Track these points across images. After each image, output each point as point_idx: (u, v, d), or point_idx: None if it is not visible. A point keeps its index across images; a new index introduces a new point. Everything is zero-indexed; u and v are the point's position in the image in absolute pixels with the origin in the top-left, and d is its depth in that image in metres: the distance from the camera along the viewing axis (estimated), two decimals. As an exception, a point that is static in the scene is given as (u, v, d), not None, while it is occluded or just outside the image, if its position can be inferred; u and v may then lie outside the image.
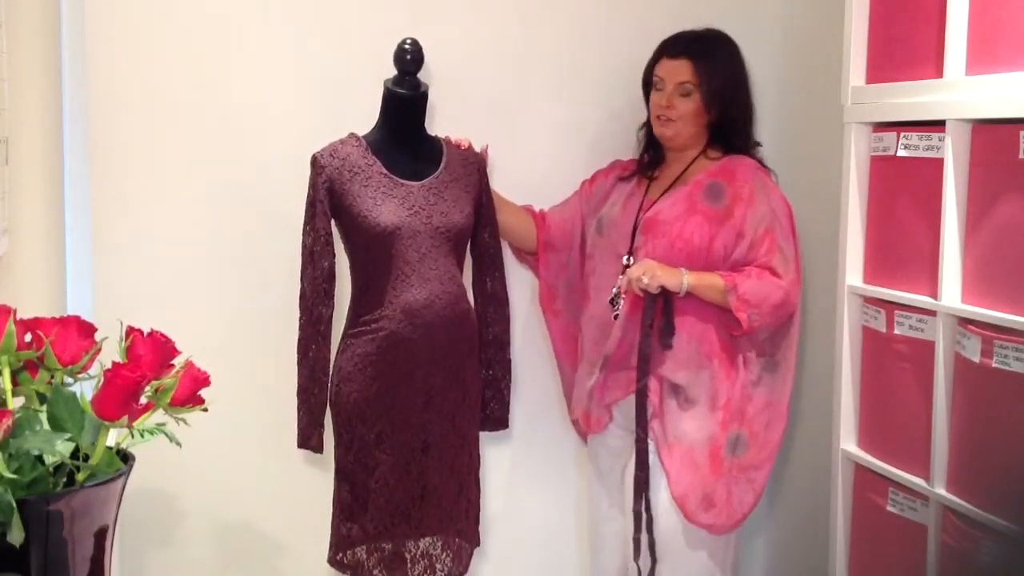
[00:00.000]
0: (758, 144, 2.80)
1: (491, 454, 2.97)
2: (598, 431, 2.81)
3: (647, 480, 2.65)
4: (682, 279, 2.59)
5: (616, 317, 2.70)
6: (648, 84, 2.80)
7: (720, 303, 2.61)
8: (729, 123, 2.74)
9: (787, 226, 2.69)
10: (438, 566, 2.64)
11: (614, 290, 2.73)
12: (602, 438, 2.82)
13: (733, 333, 2.66)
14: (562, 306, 2.94)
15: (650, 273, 2.57)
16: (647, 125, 2.84)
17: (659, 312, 2.62)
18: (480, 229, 2.71)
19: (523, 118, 3.02)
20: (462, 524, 2.66)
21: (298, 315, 2.57)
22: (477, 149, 2.74)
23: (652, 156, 2.83)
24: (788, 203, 2.72)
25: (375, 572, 2.59)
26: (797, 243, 2.71)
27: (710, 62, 2.70)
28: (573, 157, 3.05)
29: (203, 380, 1.52)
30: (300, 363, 2.58)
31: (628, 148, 2.94)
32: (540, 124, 3.04)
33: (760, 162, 2.76)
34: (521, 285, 3.01)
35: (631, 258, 2.71)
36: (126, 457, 1.47)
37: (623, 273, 2.70)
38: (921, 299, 2.44)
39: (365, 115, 2.64)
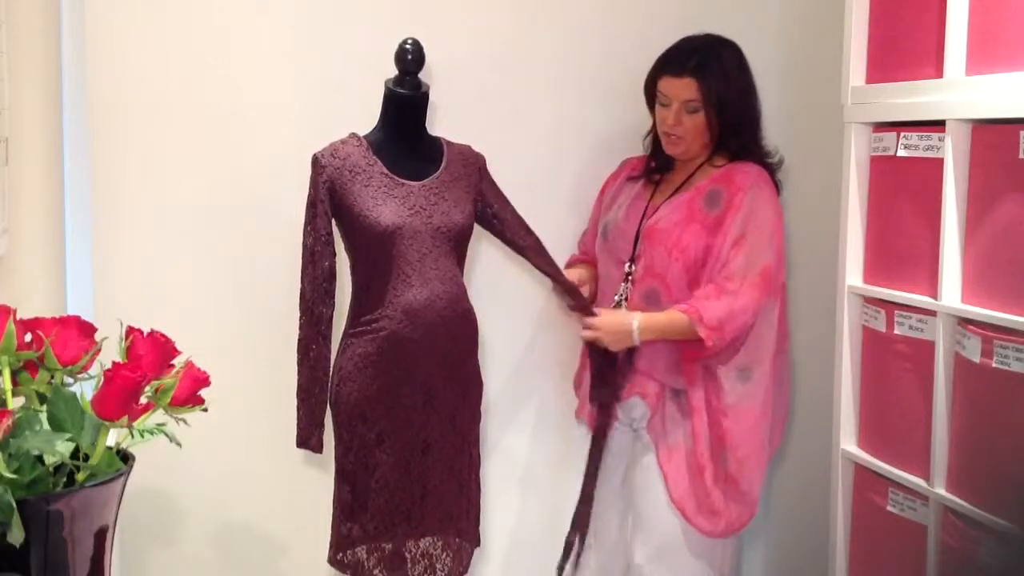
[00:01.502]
0: (768, 152, 2.76)
1: (491, 454, 2.97)
2: None
3: (588, 517, 2.75)
4: (632, 336, 2.60)
5: None
6: (651, 95, 2.77)
7: (687, 336, 2.59)
8: (734, 130, 2.72)
9: (766, 236, 2.63)
10: (438, 566, 2.64)
11: (616, 296, 2.73)
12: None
13: (698, 356, 2.63)
14: None
15: (611, 344, 2.63)
16: (652, 133, 2.82)
17: (607, 365, 2.69)
18: (507, 227, 2.71)
19: (523, 118, 3.02)
20: (462, 524, 2.66)
21: (298, 315, 2.57)
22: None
23: (659, 163, 2.82)
24: (777, 214, 2.68)
25: (375, 572, 2.59)
26: (780, 256, 2.67)
27: (716, 77, 2.66)
28: (572, 157, 3.05)
29: (203, 380, 1.52)
30: (300, 363, 2.57)
31: (627, 149, 2.94)
32: (540, 124, 3.04)
33: (768, 169, 2.73)
34: (523, 286, 3.02)
35: (633, 265, 2.71)
36: (126, 457, 1.47)
37: (625, 281, 2.71)
38: (921, 299, 2.44)
39: (365, 115, 2.64)
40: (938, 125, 2.37)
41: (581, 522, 2.74)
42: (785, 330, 2.76)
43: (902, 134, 2.51)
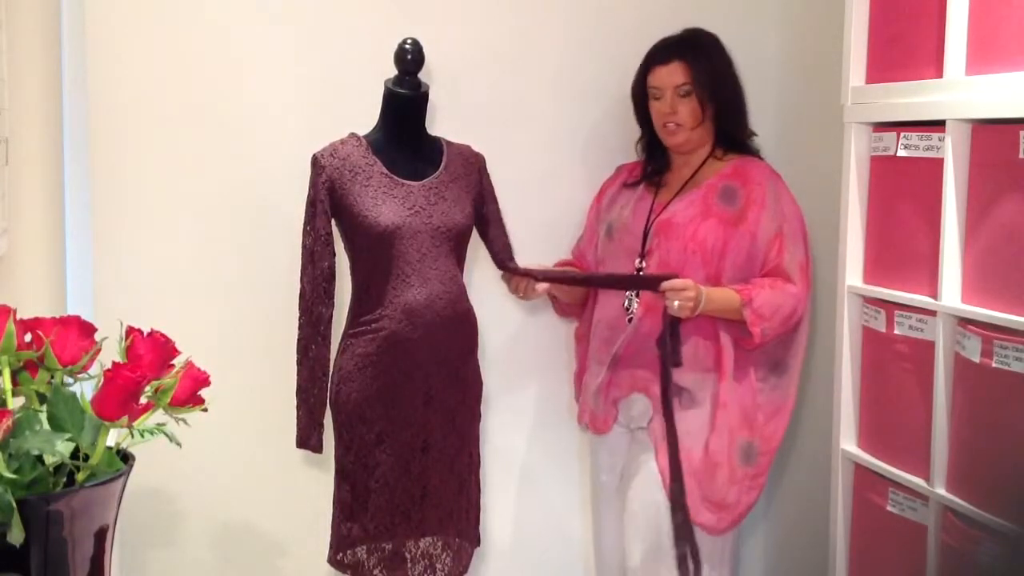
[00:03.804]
0: (754, 134, 2.80)
1: (491, 454, 2.97)
2: (605, 431, 2.81)
3: (683, 492, 2.61)
4: (699, 307, 2.54)
5: (631, 320, 2.70)
6: (640, 97, 2.79)
7: (733, 318, 2.60)
8: (727, 116, 2.74)
9: (797, 229, 2.69)
10: (438, 566, 2.64)
11: (627, 293, 2.72)
12: (605, 438, 2.82)
13: (744, 347, 2.65)
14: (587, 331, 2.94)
15: (683, 305, 2.51)
16: (643, 139, 2.83)
17: (667, 333, 2.60)
18: (491, 229, 2.71)
19: (522, 118, 3.02)
20: (462, 524, 2.66)
21: (298, 315, 2.57)
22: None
23: (656, 166, 2.82)
24: (799, 208, 2.72)
25: (375, 572, 2.59)
26: (808, 248, 2.71)
27: (700, 58, 2.71)
28: (571, 157, 3.06)
29: (203, 380, 1.51)
30: (300, 363, 2.57)
31: (625, 148, 2.94)
32: (539, 124, 3.04)
33: (762, 158, 2.77)
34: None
35: (644, 261, 2.71)
36: (126, 457, 1.46)
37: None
38: (921, 299, 2.44)
39: (365, 115, 2.64)
40: (938, 125, 2.37)
41: (678, 504, 2.63)
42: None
43: (902, 134, 2.51)
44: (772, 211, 2.67)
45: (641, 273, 2.68)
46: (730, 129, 2.76)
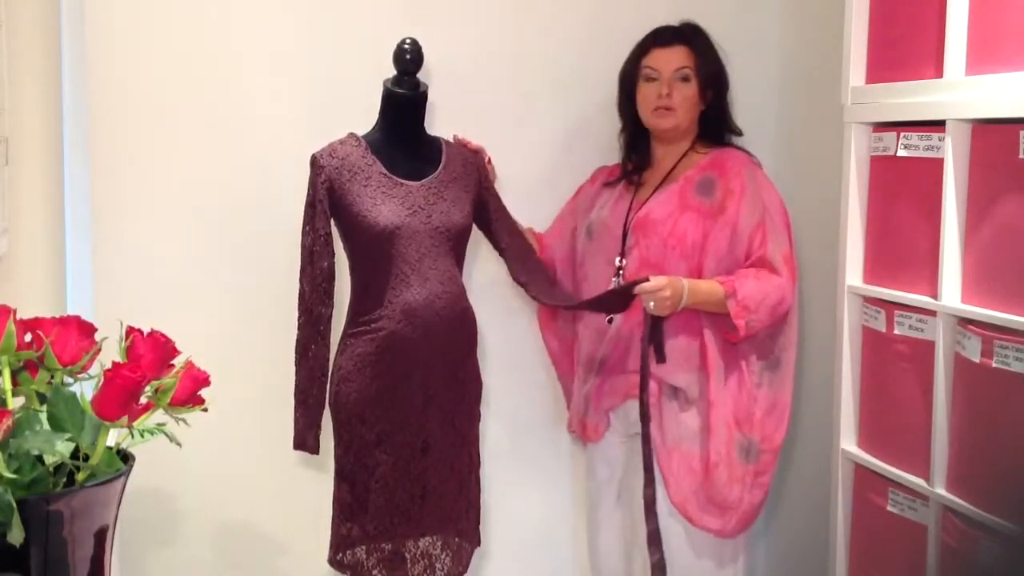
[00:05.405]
0: (738, 132, 2.79)
1: (491, 454, 2.97)
2: (596, 440, 2.80)
3: (654, 497, 2.60)
4: (683, 296, 2.53)
5: (611, 321, 2.69)
6: (628, 81, 2.78)
7: (718, 311, 2.57)
8: (718, 109, 2.75)
9: (779, 218, 2.66)
10: (438, 566, 2.64)
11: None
12: (599, 447, 2.81)
13: (730, 340, 2.62)
14: (561, 324, 2.93)
15: (660, 304, 2.51)
16: (625, 130, 2.82)
17: (652, 328, 2.59)
18: (499, 233, 2.72)
19: (522, 118, 3.02)
20: (462, 524, 2.66)
21: (297, 315, 2.57)
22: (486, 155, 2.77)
23: (637, 161, 2.82)
24: (780, 196, 2.70)
25: (375, 572, 2.59)
26: (791, 237, 2.68)
27: (703, 46, 2.73)
28: (571, 157, 3.05)
29: (203, 380, 1.52)
30: (299, 363, 2.57)
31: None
32: (539, 124, 3.04)
33: (749, 154, 2.76)
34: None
35: (623, 260, 2.70)
36: (126, 457, 1.47)
37: (617, 275, 2.69)
38: (921, 299, 2.44)
39: (365, 115, 2.64)
40: (938, 125, 2.37)
41: (650, 508, 2.61)
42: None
43: (902, 134, 2.51)
44: (752, 201, 2.63)
45: (614, 286, 2.64)
46: (718, 122, 2.76)
